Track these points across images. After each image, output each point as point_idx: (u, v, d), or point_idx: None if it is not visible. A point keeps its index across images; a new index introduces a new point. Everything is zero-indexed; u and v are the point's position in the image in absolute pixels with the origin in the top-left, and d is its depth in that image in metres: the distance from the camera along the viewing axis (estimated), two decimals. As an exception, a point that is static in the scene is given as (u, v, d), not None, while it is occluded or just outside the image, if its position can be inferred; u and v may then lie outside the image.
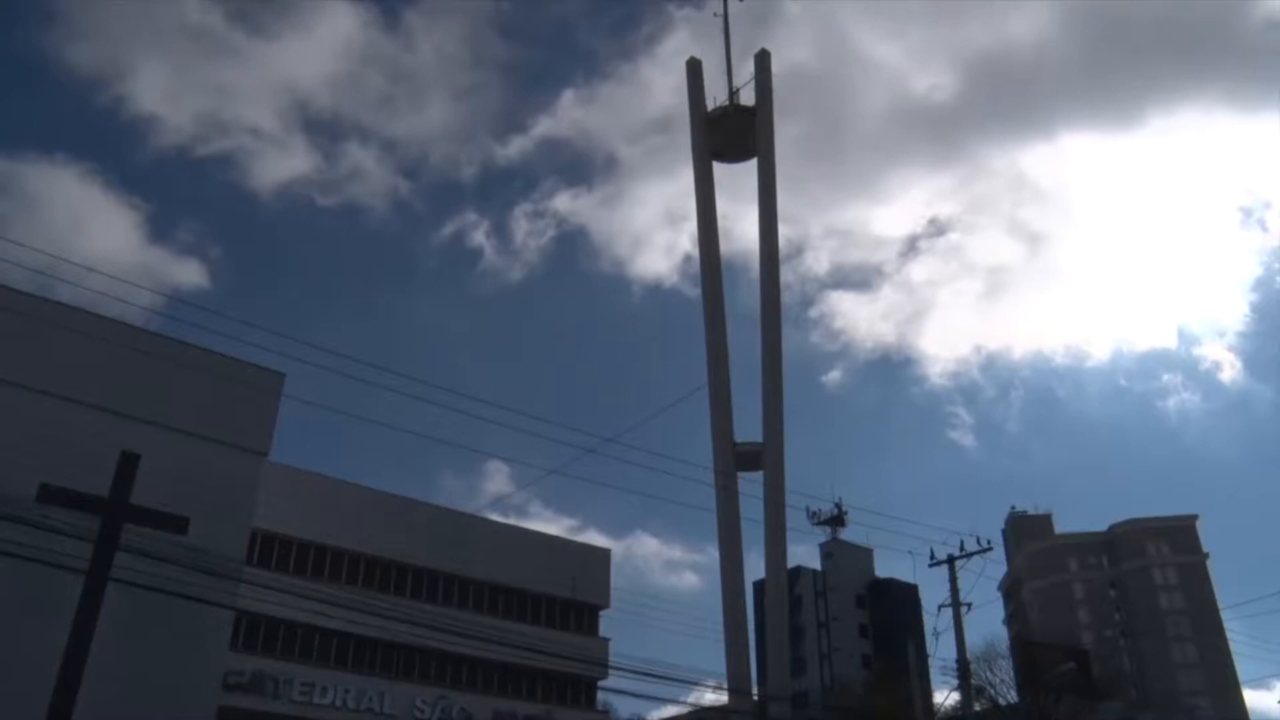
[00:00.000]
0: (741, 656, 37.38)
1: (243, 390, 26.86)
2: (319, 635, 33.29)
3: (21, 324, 23.82)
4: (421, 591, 37.01)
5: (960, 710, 33.49)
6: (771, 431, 40.06)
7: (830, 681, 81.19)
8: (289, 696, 32.26)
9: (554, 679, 38.65)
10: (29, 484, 22.27)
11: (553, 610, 40.30)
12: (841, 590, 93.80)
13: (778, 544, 38.94)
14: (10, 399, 23.60)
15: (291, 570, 33.58)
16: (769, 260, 40.63)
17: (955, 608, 30.86)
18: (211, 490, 25.40)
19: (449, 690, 35.84)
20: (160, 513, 24.18)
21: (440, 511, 42.15)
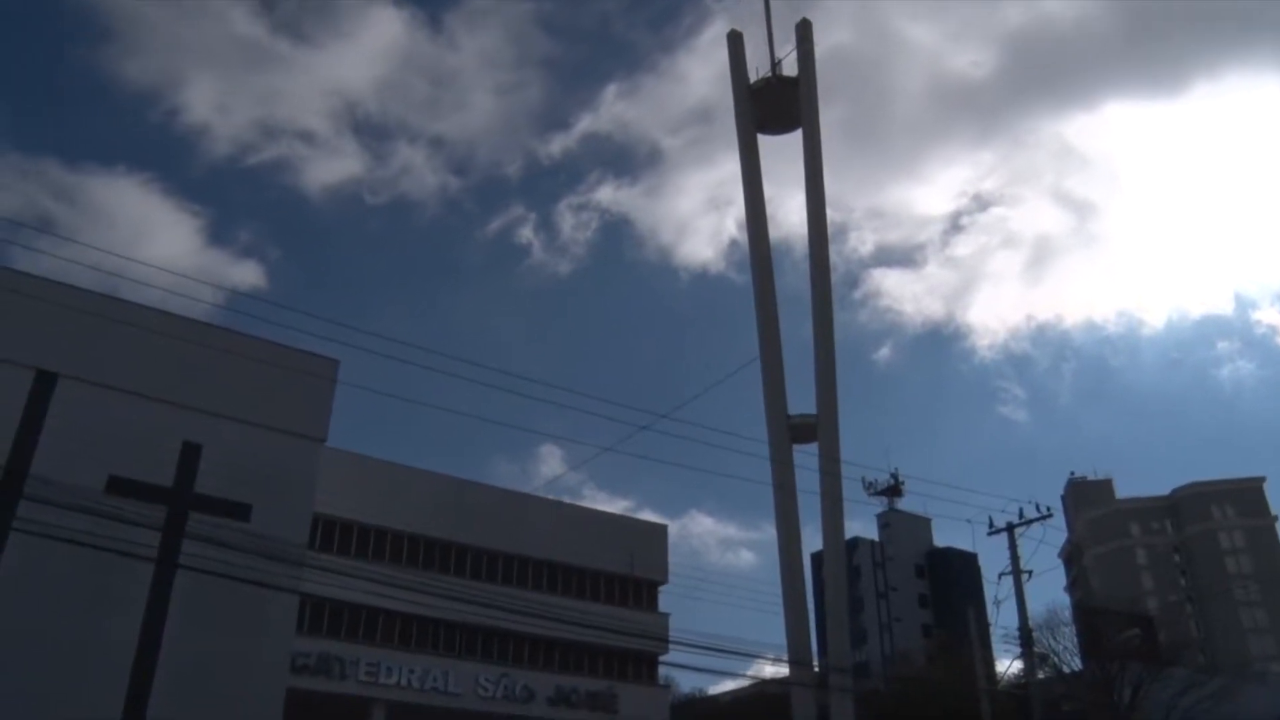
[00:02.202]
0: (801, 628, 37.37)
1: (299, 378, 27.28)
2: (382, 617, 33.80)
3: (89, 322, 24.37)
4: (481, 572, 37.39)
5: (1023, 678, 33.28)
6: (825, 401, 39.88)
7: (891, 652, 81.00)
8: (355, 677, 32.81)
9: (615, 655, 38.91)
10: (98, 476, 22.95)
11: (611, 587, 40.54)
12: (900, 561, 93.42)
13: (835, 514, 38.81)
14: (79, 394, 24.16)
15: (353, 554, 34.09)
16: (817, 226, 40.35)
17: (1016, 575, 30.65)
18: (272, 477, 25.90)
19: (511, 668, 36.22)
20: (223, 500, 24.85)
21: (497, 493, 42.52)
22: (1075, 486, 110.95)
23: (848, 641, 39.01)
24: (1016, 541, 30.77)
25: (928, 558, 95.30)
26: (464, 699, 34.68)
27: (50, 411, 23.78)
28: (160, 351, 25.62)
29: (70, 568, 21.43)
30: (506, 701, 35.39)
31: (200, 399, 25.80)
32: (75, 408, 23.95)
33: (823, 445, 39.06)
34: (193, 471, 25.30)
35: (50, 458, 22.47)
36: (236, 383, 26.43)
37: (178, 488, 24.83)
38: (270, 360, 26.60)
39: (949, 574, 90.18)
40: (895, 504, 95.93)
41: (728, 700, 63.32)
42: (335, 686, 32.28)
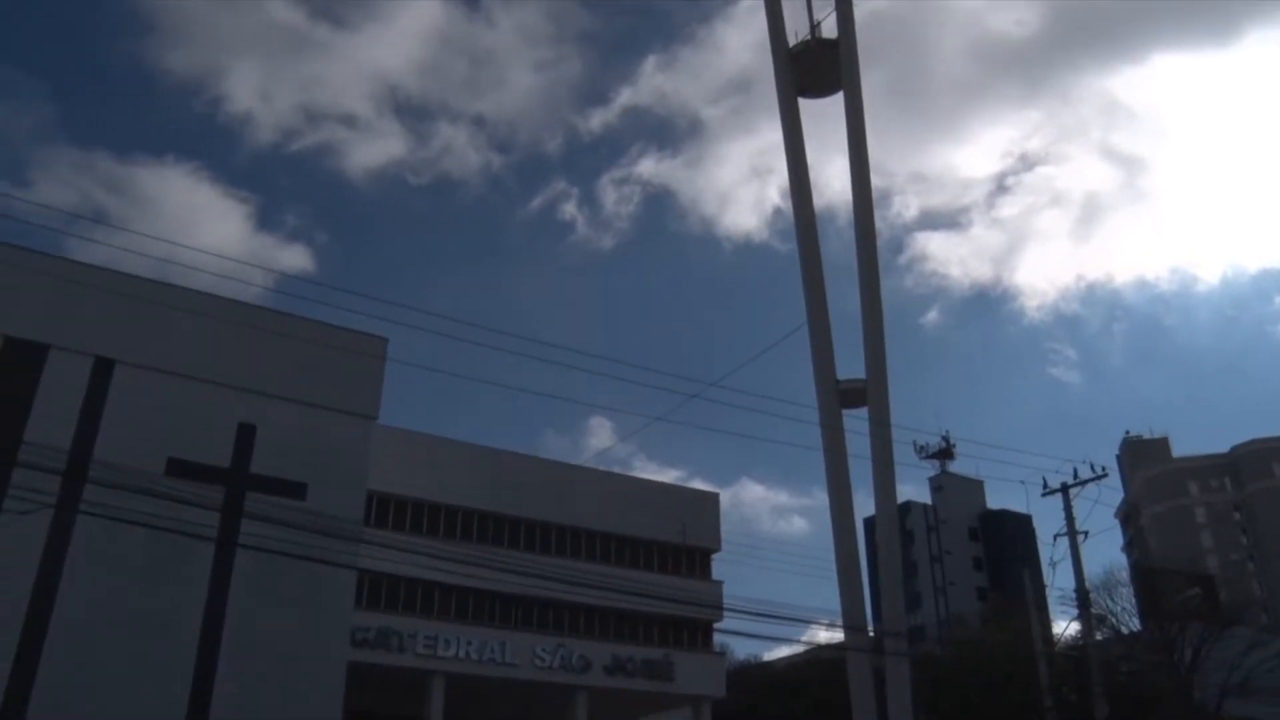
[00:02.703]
0: (855, 594, 37.29)
1: (349, 357, 27.56)
2: (439, 591, 34.21)
3: (143, 309, 24.80)
4: (535, 544, 37.68)
5: (1081, 640, 33.04)
6: (874, 365, 39.59)
7: (945, 615, 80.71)
8: (414, 650, 33.27)
9: (669, 623, 39.13)
10: (158, 459, 23.41)
11: (665, 556, 40.70)
12: (953, 524, 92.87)
13: (886, 478, 38.61)
14: (137, 380, 24.62)
15: (408, 529, 34.50)
16: (861, 186, 39.93)
17: (1071, 536, 30.37)
18: (326, 456, 26.27)
19: (567, 638, 36.53)
20: (279, 480, 25.24)
21: (548, 465, 42.78)
22: (1131, 445, 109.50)
23: (902, 606, 38.96)
24: (1071, 502, 30.47)
25: (981, 520, 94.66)
26: (521, 669, 35.05)
27: (109, 397, 24.26)
28: (213, 335, 26.01)
29: (135, 549, 21.93)
30: (563, 671, 35.73)
31: (253, 381, 26.17)
32: (133, 393, 24.41)
33: (872, 409, 38.79)
34: (248, 452, 25.72)
35: (111, 443, 22.95)
36: (288, 364, 26.76)
37: (234, 468, 25.26)
38: (320, 340, 26.91)
39: (1003, 536, 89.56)
40: (947, 467, 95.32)
41: (783, 666, 63.54)
42: (395, 659, 32.75)
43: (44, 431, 21.83)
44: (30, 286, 23.78)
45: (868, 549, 46.42)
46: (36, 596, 22.47)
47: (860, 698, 34.67)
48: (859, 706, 34.50)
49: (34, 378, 23.69)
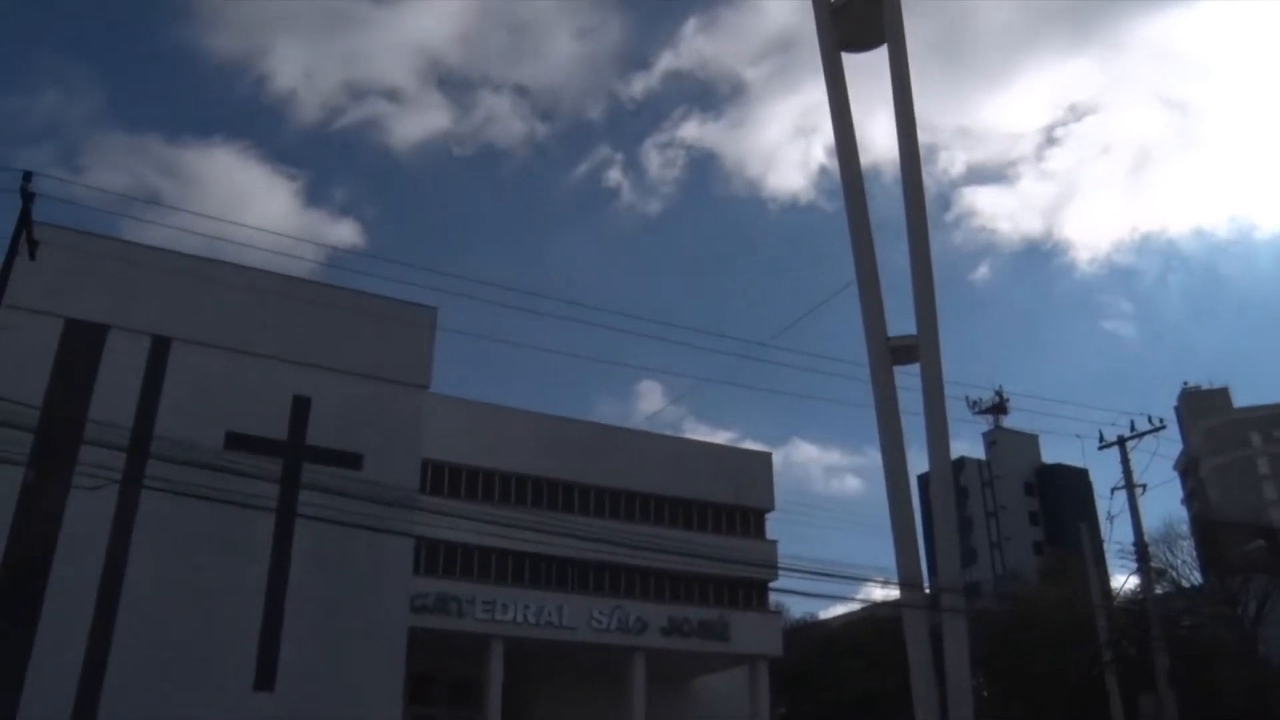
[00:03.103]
0: (910, 551, 37.09)
1: (400, 328, 27.86)
2: (495, 556, 34.57)
3: (198, 287, 25.24)
4: (589, 507, 37.92)
5: (1140, 594, 32.75)
6: (925, 320, 39.13)
7: (1002, 571, 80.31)
8: (472, 615, 33.69)
9: (725, 583, 39.29)
10: (217, 433, 23.87)
11: (719, 516, 40.80)
12: (1008, 479, 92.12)
13: (940, 434, 38.22)
14: (194, 357, 25.12)
15: (463, 496, 34.85)
16: (907, 136, 39.30)
17: (1129, 489, 30.04)
18: (380, 426, 26.65)
19: (624, 600, 36.80)
20: (335, 451, 25.66)
21: (600, 429, 42.96)
22: (1189, 397, 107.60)
23: (957, 562, 38.64)
24: (1129, 455, 30.11)
25: (1037, 475, 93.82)
26: (579, 632, 35.39)
27: (168, 375, 24.77)
28: (266, 311, 26.42)
29: (198, 521, 22.41)
30: (620, 633, 36.02)
31: (307, 354, 26.55)
32: (190, 370, 24.90)
33: (924, 365, 38.38)
34: (304, 424, 26.16)
35: (171, 419, 23.44)
36: (341, 336, 27.11)
37: (291, 441, 25.72)
38: (371, 312, 27.20)
39: (1059, 491, 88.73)
40: (1001, 422, 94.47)
41: (839, 624, 63.66)
42: (454, 624, 33.18)
43: (107, 410, 22.33)
44: (88, 269, 24.27)
45: (922, 506, 46.03)
46: (108, 567, 23.15)
47: (917, 655, 34.56)
48: (916, 663, 34.40)
49: (95, 358, 24.26)
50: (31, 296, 20.51)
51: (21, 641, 21.98)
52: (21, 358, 19.78)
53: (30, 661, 21.90)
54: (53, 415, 21.20)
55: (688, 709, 40.57)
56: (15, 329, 17.01)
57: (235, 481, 20.17)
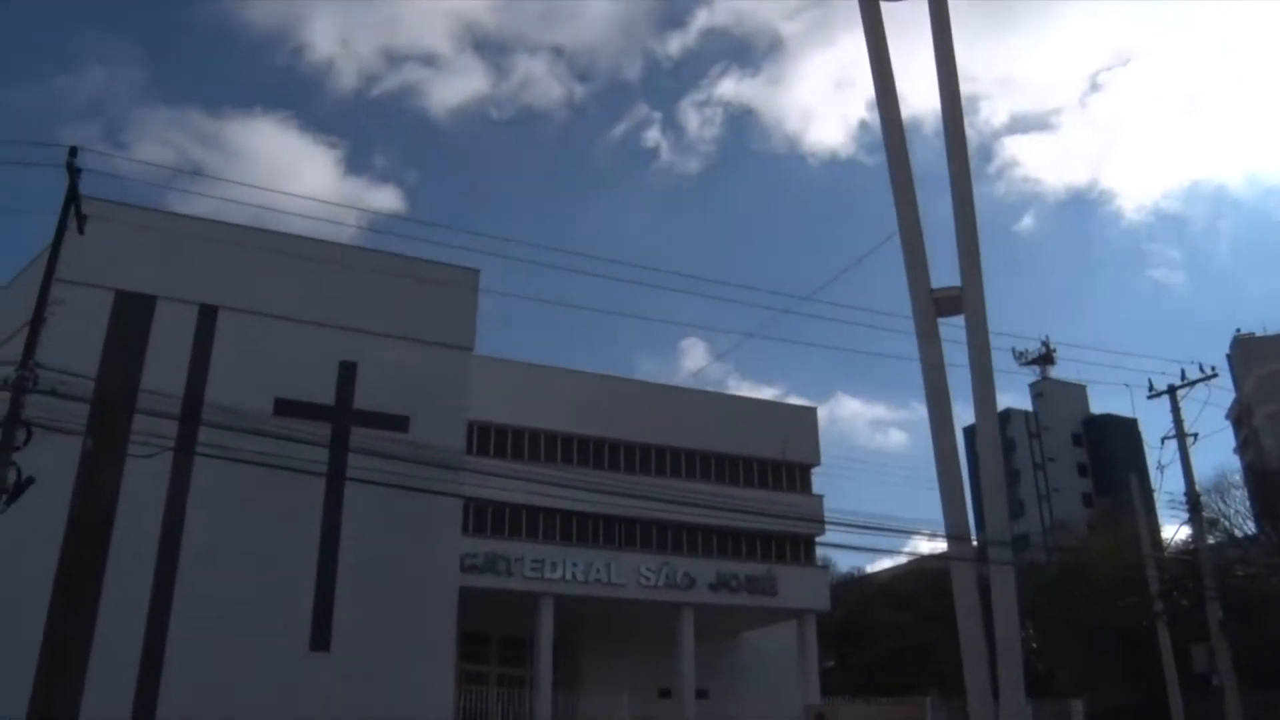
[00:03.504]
0: (957, 503, 36.93)
1: (443, 290, 28.01)
2: (542, 514, 34.91)
3: (243, 256, 25.53)
4: (634, 465, 38.12)
5: (1192, 544, 32.46)
6: (969, 270, 38.66)
7: (1050, 523, 79.86)
8: (521, 573, 34.12)
9: (772, 538, 39.42)
10: (265, 400, 24.22)
11: (764, 472, 40.86)
12: (1056, 430, 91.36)
13: (985, 385, 37.89)
14: (242, 325, 25.45)
15: (510, 456, 35.17)
16: (948, 81, 38.67)
17: (1180, 439, 29.72)
18: (426, 388, 26.88)
19: (671, 556, 37.06)
20: (382, 415, 25.93)
21: (645, 386, 43.08)
22: (1242, 344, 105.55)
23: (1005, 514, 38.48)
24: (1179, 404, 29.77)
25: (1085, 426, 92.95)
26: (627, 588, 35.70)
27: (216, 343, 25.13)
28: (310, 277, 26.67)
29: (251, 486, 22.79)
30: (668, 589, 36.31)
31: (352, 319, 26.80)
32: (238, 338, 25.25)
33: (969, 316, 37.99)
34: (351, 389, 26.45)
35: (220, 386, 23.80)
36: (385, 301, 27.32)
37: (338, 405, 26.03)
38: (413, 275, 27.38)
39: (1108, 441, 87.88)
40: (1048, 373, 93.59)
41: (886, 578, 63.78)
42: (503, 583, 33.63)
43: (158, 379, 22.72)
44: (136, 241, 24.63)
45: (969, 458, 45.93)
46: (166, 531, 23.67)
47: (965, 607, 34.53)
48: (964, 616, 34.37)
49: (145, 329, 24.65)
50: (82, 270, 20.85)
51: (89, 601, 22.62)
52: (75, 331, 20.10)
53: (98, 619, 22.55)
54: (107, 386, 21.59)
55: (736, 663, 40.92)
56: (67, 303, 17.28)
57: (285, 446, 20.49)
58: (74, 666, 22.21)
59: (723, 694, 38.34)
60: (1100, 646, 43.91)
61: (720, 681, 38.82)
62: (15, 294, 22.23)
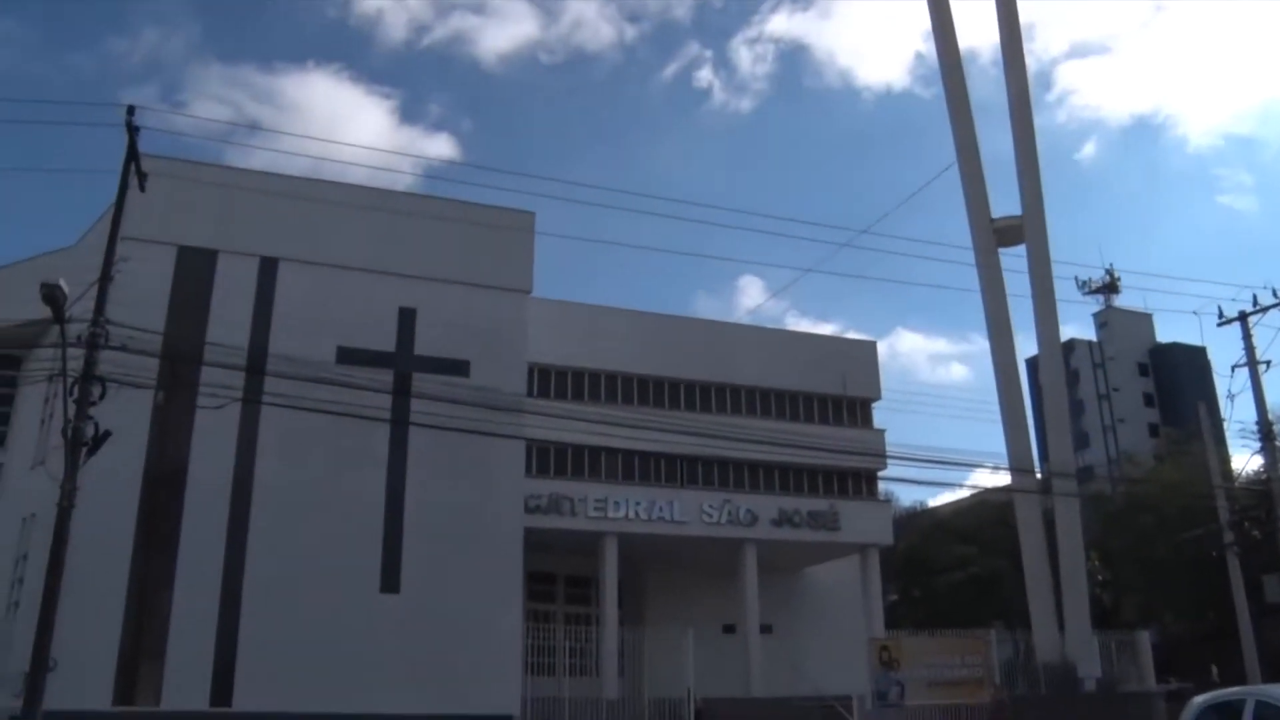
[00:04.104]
0: (1020, 435, 36.64)
1: (499, 234, 28.16)
2: (604, 455, 35.21)
3: (302, 207, 25.83)
4: (695, 403, 38.22)
5: (1264, 474, 31.94)
6: (1030, 198, 37.96)
7: (1116, 454, 78.87)
8: (585, 513, 34.50)
9: (834, 474, 39.43)
10: (328, 348, 24.63)
11: (824, 407, 40.75)
12: (1121, 360, 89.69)
13: (1048, 315, 37.36)
14: (303, 276, 25.84)
15: (570, 398, 35.43)
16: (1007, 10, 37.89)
17: (1252, 366, 29.12)
18: (485, 332, 27.14)
19: (733, 494, 37.22)
20: (443, 360, 26.25)
21: (702, 324, 43.02)
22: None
23: (1069, 445, 38.23)
24: (1250, 331, 29.11)
25: (1151, 355, 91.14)
26: (690, 526, 35.97)
27: (277, 295, 25.55)
28: (368, 226, 26.94)
29: (317, 434, 23.31)
30: (731, 526, 36.53)
31: (410, 266, 27.07)
32: (298, 288, 25.64)
33: (1031, 245, 37.38)
34: (411, 335, 26.80)
35: (283, 337, 24.23)
36: (442, 246, 27.52)
37: (399, 352, 26.40)
38: (470, 220, 27.51)
39: (1175, 370, 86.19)
40: (1112, 302, 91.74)
41: (949, 512, 63.59)
42: (568, 523, 34.04)
43: (222, 332, 23.23)
44: (196, 197, 25.03)
45: (1031, 390, 45.42)
46: (237, 480, 24.33)
47: (1029, 540, 34.41)
48: (1028, 548, 34.27)
49: (208, 282, 25.14)
50: (145, 228, 21.29)
51: (169, 546, 23.43)
52: (141, 288, 20.48)
53: (178, 563, 23.35)
54: (174, 340, 22.09)
55: (799, 598, 41.23)
56: (133, 260, 17.61)
57: (348, 394, 20.88)
58: (159, 608, 23.07)
59: (786, 629, 38.69)
60: (1168, 578, 43.57)
61: (784, 616, 39.16)
62: (83, 253, 22.71)
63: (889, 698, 28.94)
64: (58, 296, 14.53)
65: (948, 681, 29.37)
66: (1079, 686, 31.69)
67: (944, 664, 29.74)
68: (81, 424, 15.34)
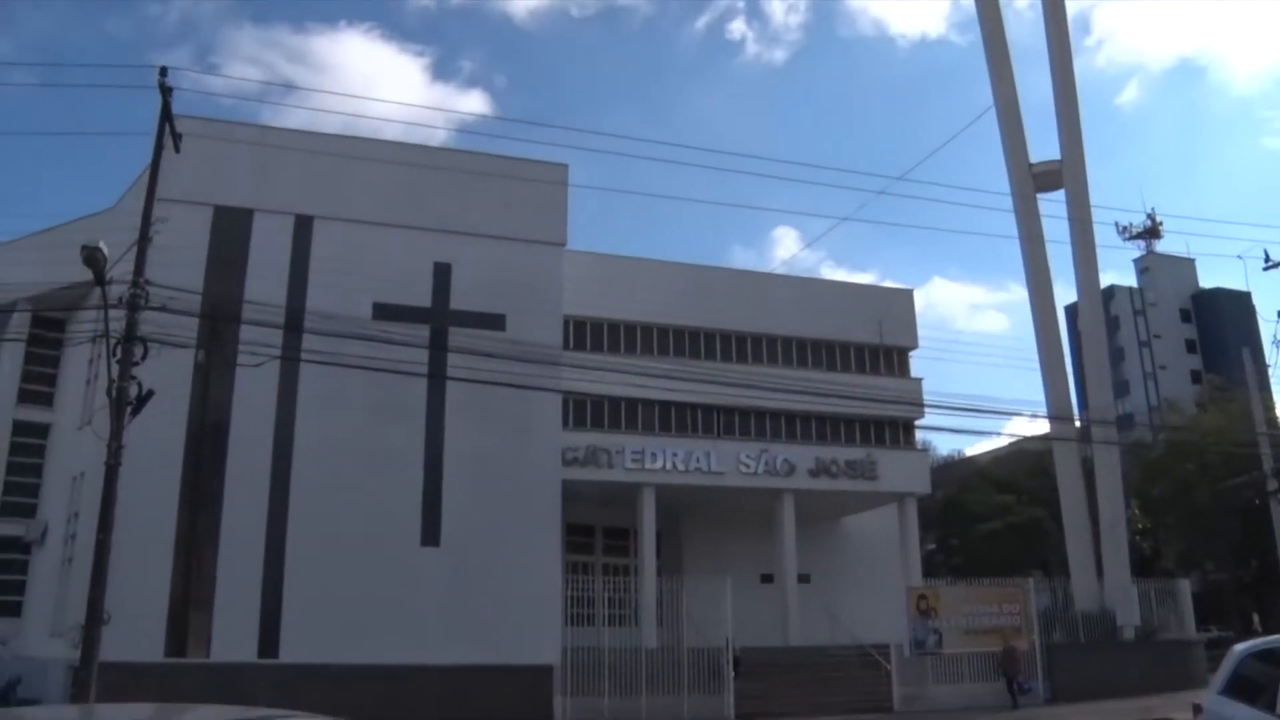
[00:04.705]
0: (1060, 383, 36.38)
1: (532, 187, 28.10)
2: (641, 406, 35.25)
3: (336, 164, 25.90)
4: (730, 353, 38.12)
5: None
6: (1070, 142, 37.39)
7: (1157, 401, 78.10)
8: (622, 465, 34.60)
9: (871, 423, 39.29)
10: (364, 304, 24.79)
11: (861, 356, 40.52)
12: (1162, 306, 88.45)
13: (1088, 260, 36.94)
14: (340, 233, 25.97)
15: (606, 350, 35.46)
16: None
17: (1296, 311, 28.64)
18: (520, 286, 27.18)
19: (770, 443, 37.17)
20: (478, 314, 26.36)
21: (739, 274, 42.82)
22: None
23: (1109, 393, 37.76)
24: (1295, 275, 28.61)
25: (1194, 301, 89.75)
26: (728, 476, 35.99)
27: (313, 252, 25.70)
28: (401, 182, 26.99)
29: (356, 389, 23.57)
30: (768, 475, 36.51)
31: (444, 221, 27.13)
32: (334, 245, 25.76)
33: (1070, 190, 36.87)
34: (447, 290, 26.90)
35: (320, 294, 24.40)
36: (475, 201, 27.54)
37: (435, 307, 26.53)
38: (502, 173, 27.48)
39: (1218, 316, 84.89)
40: (1154, 247, 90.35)
41: (987, 460, 63.38)
42: (605, 475, 34.17)
43: (260, 290, 23.42)
44: (230, 157, 25.16)
45: (1071, 338, 44.89)
46: (278, 437, 24.66)
47: (1068, 487, 34.32)
48: (1067, 496, 34.20)
49: (244, 241, 25.33)
50: (181, 188, 21.41)
51: (213, 501, 23.88)
52: (179, 248, 20.72)
53: (222, 517, 23.80)
54: (213, 299, 22.33)
55: (837, 548, 41.30)
56: (170, 221, 17.78)
57: (386, 350, 21.04)
58: (206, 563, 23.53)
59: (824, 578, 38.81)
60: (1209, 526, 43.32)
61: (821, 566, 39.26)
62: (121, 215, 22.92)
63: (926, 646, 29.09)
64: (98, 258, 14.68)
65: (985, 630, 29.46)
66: (1118, 634, 31.69)
67: (981, 612, 29.82)
68: (125, 384, 15.58)
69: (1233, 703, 8.47)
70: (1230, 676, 8.78)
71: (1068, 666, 29.74)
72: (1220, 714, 8.57)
